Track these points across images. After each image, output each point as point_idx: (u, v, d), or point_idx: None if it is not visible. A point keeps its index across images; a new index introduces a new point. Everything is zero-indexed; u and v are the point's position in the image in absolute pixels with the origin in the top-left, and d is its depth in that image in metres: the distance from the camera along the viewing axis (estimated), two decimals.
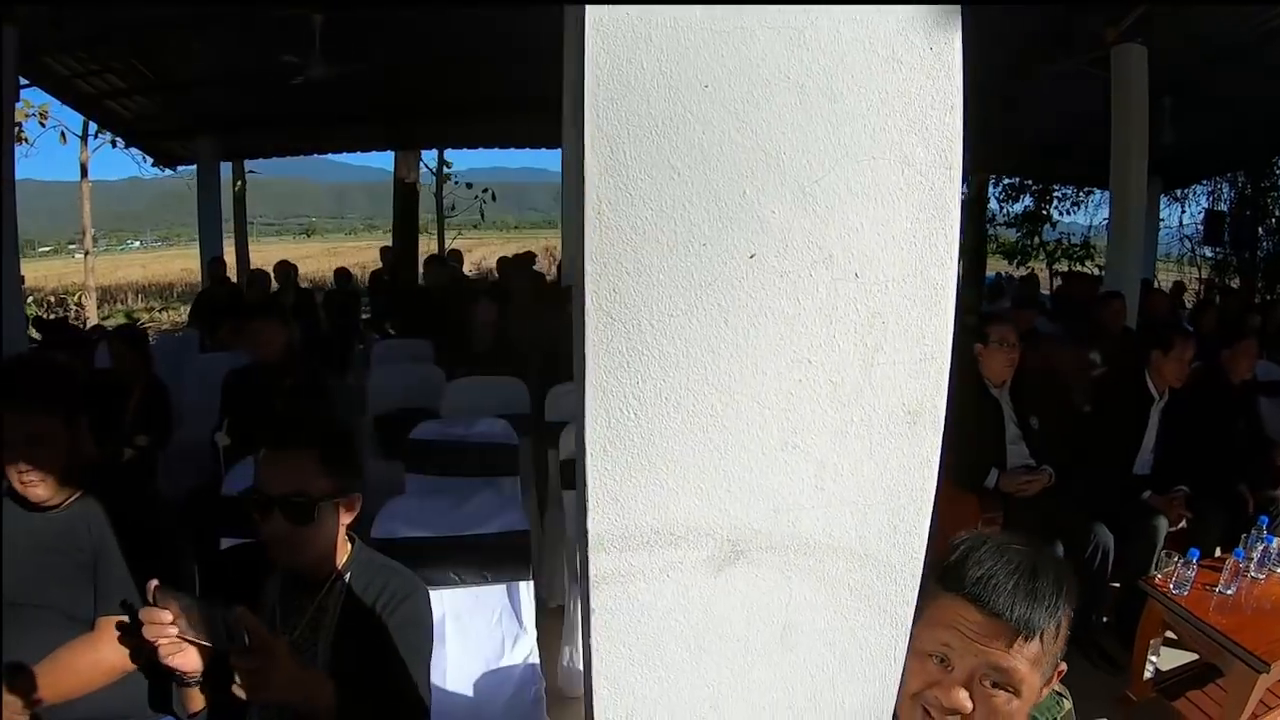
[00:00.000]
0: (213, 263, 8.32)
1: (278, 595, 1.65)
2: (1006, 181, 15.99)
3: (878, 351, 0.72)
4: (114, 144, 14.36)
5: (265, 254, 12.71)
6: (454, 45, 7.67)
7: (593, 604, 0.72)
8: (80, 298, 14.21)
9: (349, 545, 1.70)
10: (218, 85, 8.41)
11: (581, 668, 2.63)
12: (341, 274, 8.61)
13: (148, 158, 10.89)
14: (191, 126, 9.51)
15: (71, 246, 31.04)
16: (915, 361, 0.74)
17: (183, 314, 16.17)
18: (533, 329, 4.98)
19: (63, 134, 14.46)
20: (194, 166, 10.56)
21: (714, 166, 0.67)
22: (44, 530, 1.83)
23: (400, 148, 10.50)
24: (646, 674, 0.75)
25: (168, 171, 11.88)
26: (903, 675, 0.95)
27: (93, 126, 14.65)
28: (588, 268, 0.68)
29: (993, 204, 15.87)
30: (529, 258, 7.98)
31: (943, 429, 0.79)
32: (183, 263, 24.72)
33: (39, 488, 1.80)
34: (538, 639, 2.45)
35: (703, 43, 0.66)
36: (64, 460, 1.84)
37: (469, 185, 13.43)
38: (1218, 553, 3.37)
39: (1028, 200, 16.45)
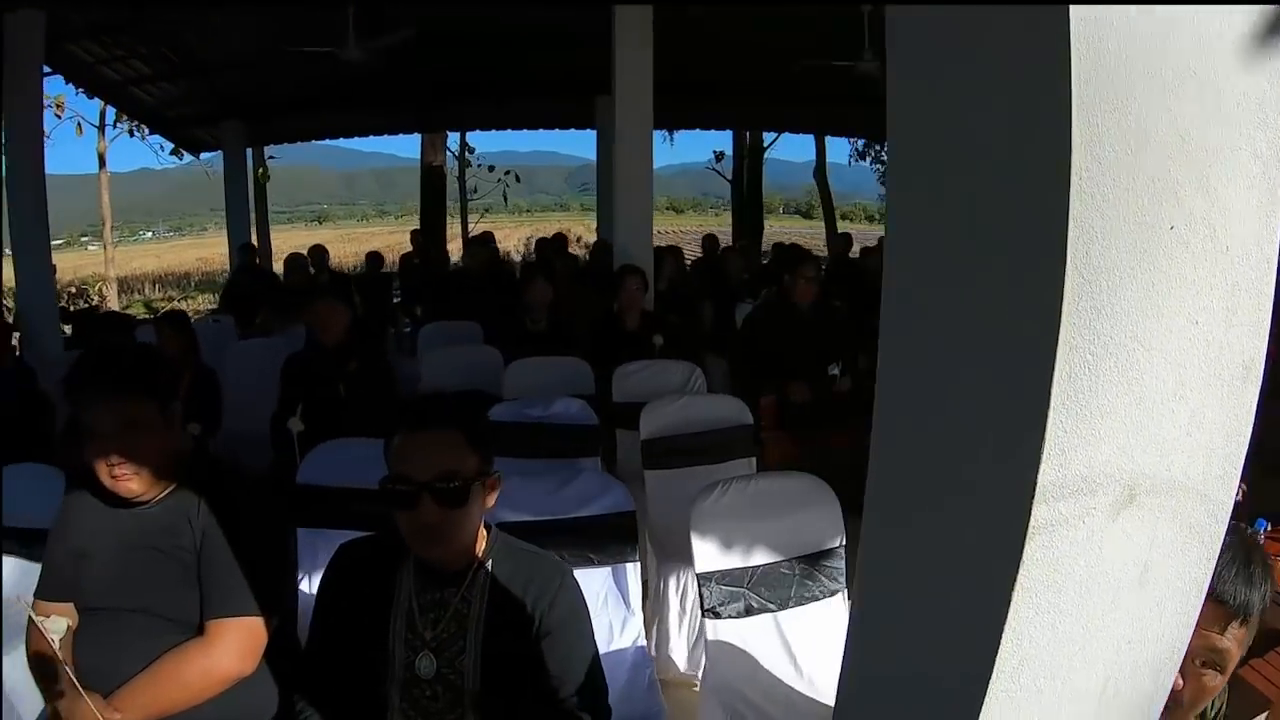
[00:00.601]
0: (243, 249, 8.23)
1: (413, 589, 1.53)
2: None
3: (1233, 314, 0.80)
4: (132, 133, 14.35)
5: (279, 242, 12.70)
6: (481, 25, 7.58)
7: (1023, 556, 0.76)
8: (101, 288, 14.18)
9: (485, 530, 1.58)
10: (244, 69, 8.33)
11: (679, 651, 2.58)
12: (374, 258, 8.55)
13: (165, 146, 10.86)
14: (217, 112, 9.42)
15: (84, 239, 31.05)
16: (1253, 323, 0.83)
17: (201, 303, 16.16)
18: (585, 309, 4.90)
19: (79, 124, 14.47)
20: (215, 154, 10.53)
21: (1150, 147, 0.73)
22: (137, 528, 1.69)
23: (427, 130, 10.40)
24: (1041, 619, 0.79)
25: (183, 160, 11.86)
26: None
27: (110, 116, 14.67)
28: (1071, 231, 0.71)
29: None
30: (563, 239, 7.91)
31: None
32: (196, 252, 24.83)
33: (132, 481, 1.65)
34: None
35: (1152, 33, 0.72)
36: (159, 451, 1.68)
37: (491, 168, 13.31)
38: None
39: None
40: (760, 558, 2.37)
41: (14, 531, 2.66)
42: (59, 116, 14.09)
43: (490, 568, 1.55)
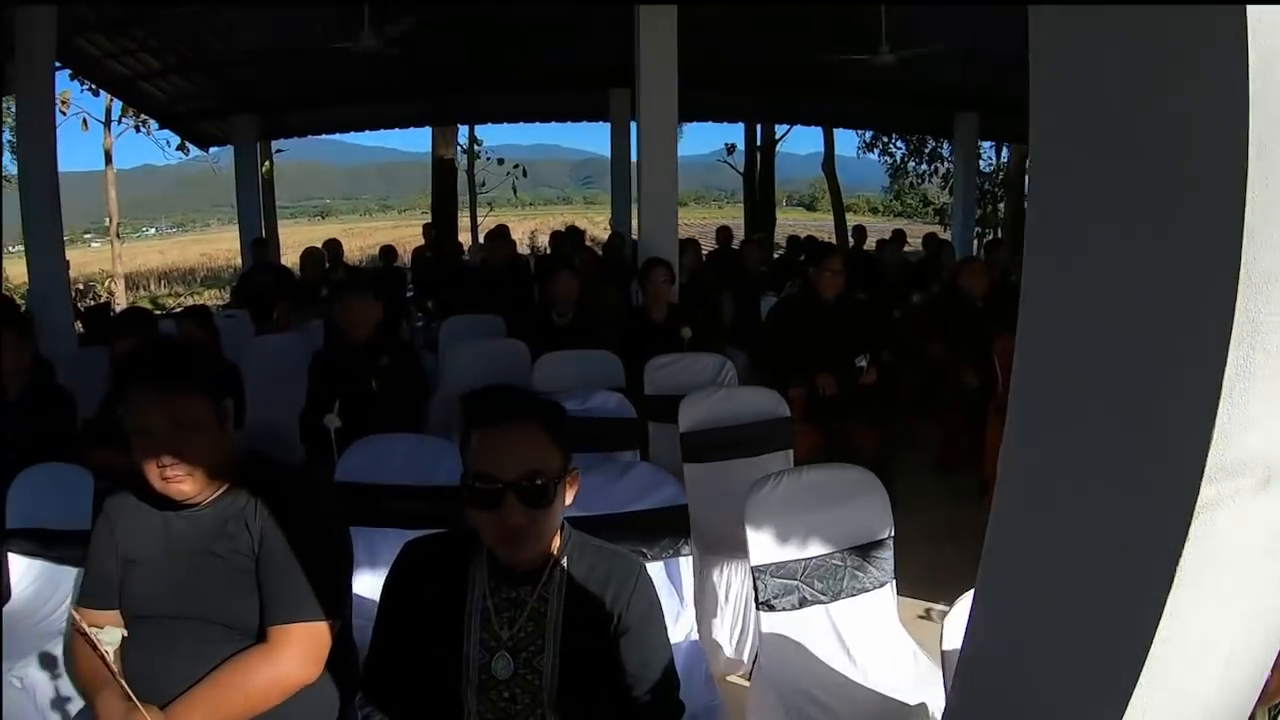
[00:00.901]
0: (256, 244, 8.17)
1: (487, 588, 1.48)
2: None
3: None
4: (138, 129, 14.31)
5: (283, 237, 12.67)
6: (494, 17, 7.56)
7: (1187, 537, 0.78)
8: (110, 285, 14.15)
9: (559, 527, 1.52)
10: (256, 63, 8.31)
11: (724, 643, 2.57)
12: (387, 252, 8.52)
13: (171, 142, 10.82)
14: (228, 106, 9.40)
15: (87, 236, 31.00)
16: None
17: (208, 298, 16.14)
18: (608, 301, 4.88)
19: (84, 120, 14.41)
20: (223, 148, 10.48)
21: None
22: (190, 532, 1.62)
23: (438, 123, 10.37)
24: (1187, 598, 0.80)
25: (189, 156, 11.81)
26: None
27: (115, 112, 14.61)
28: (1249, 222, 0.70)
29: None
30: (579, 233, 7.89)
31: None
32: (200, 248, 24.81)
33: (185, 483, 1.57)
34: None
35: None
36: (212, 450, 1.61)
37: (500, 161, 13.26)
38: None
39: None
40: (813, 550, 2.36)
41: (38, 533, 2.69)
42: (64, 113, 14.06)
43: (566, 565, 1.50)
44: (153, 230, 39.18)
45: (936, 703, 2.08)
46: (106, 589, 1.64)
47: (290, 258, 8.56)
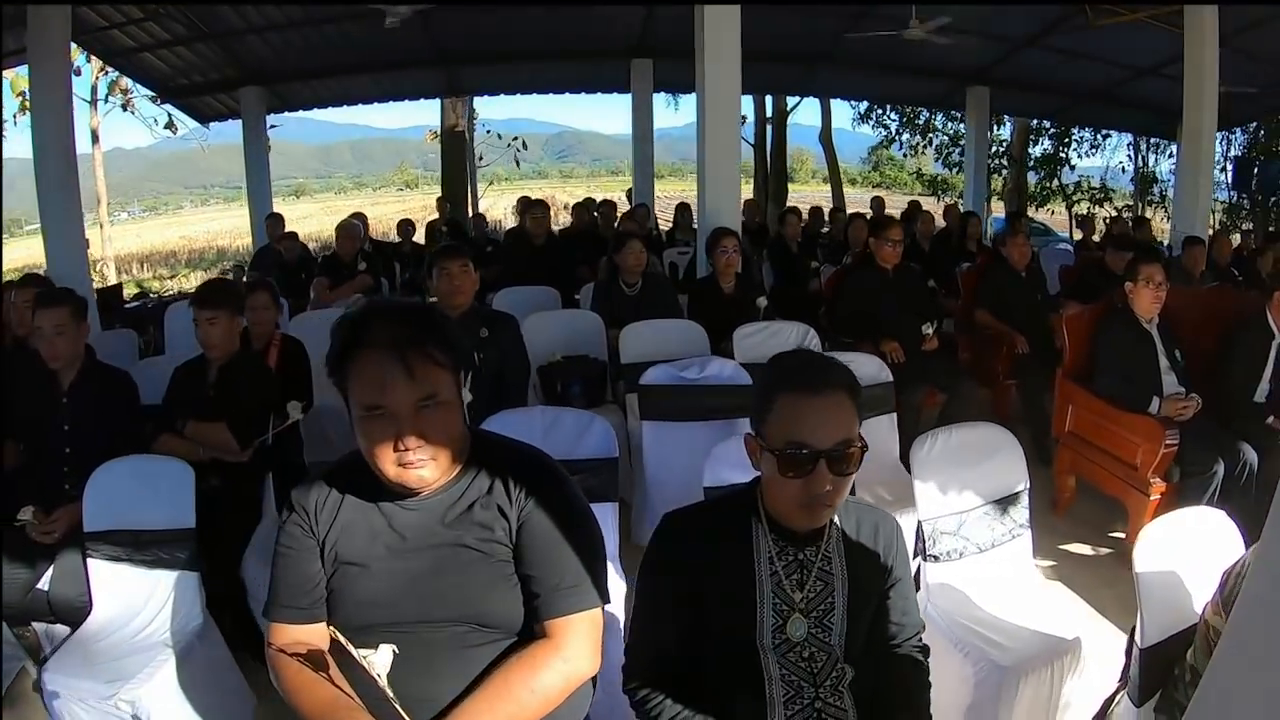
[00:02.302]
0: (272, 219, 7.97)
1: (773, 553, 1.48)
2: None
3: None
4: (125, 107, 13.95)
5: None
6: None
7: None
8: (101, 268, 13.82)
9: None
10: (266, 33, 8.12)
11: None
12: (405, 226, 8.42)
13: (159, 120, 10.55)
14: (236, 78, 9.15)
15: (32, 226, 30.12)
16: None
17: (194, 281, 15.79)
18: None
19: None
20: (213, 126, 10.21)
21: None
22: (422, 524, 1.43)
23: (448, 95, 10.22)
24: None
25: (175, 135, 11.54)
26: None
27: (102, 90, 14.23)
28: None
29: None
30: (612, 205, 7.86)
31: None
32: (176, 230, 24.25)
33: (427, 468, 1.38)
34: None
35: None
36: (455, 430, 1.43)
37: (499, 135, 13.10)
38: None
39: (1046, 144, 16.57)
40: (967, 503, 2.45)
41: (123, 535, 2.56)
42: None
43: (839, 522, 1.52)
44: (124, 214, 38.09)
45: (1089, 637, 2.26)
46: (312, 600, 1.44)
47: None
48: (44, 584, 2.72)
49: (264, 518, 3.00)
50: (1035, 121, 15.90)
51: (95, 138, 14.20)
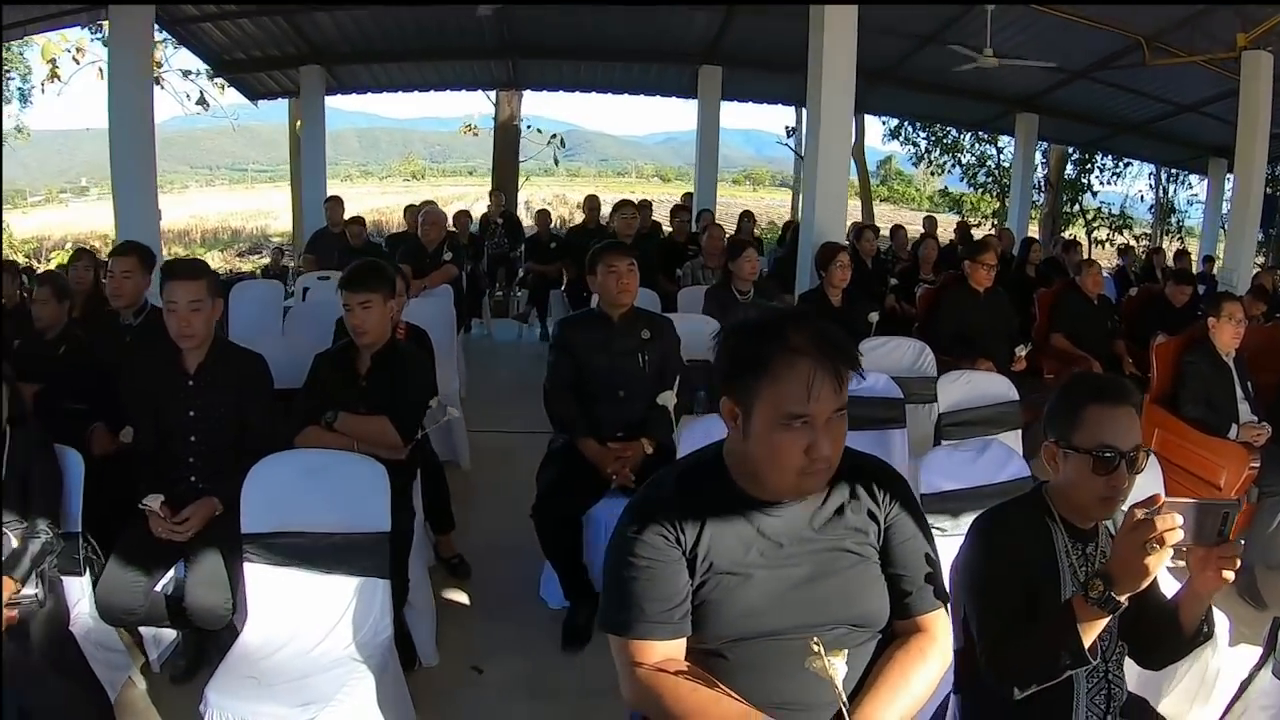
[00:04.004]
0: (332, 202, 7.80)
1: (1067, 547, 1.66)
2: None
3: None
4: (159, 81, 13.70)
5: (267, 199, 12.34)
6: None
7: None
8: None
9: None
10: (337, 11, 8.07)
11: None
12: (462, 217, 8.38)
13: (190, 96, 10.43)
14: (297, 56, 9.06)
15: (64, 195, 29.81)
16: None
17: (218, 260, 15.66)
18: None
19: (100, 70, 13.72)
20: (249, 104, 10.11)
21: None
22: (792, 531, 1.44)
23: (506, 87, 10.20)
24: None
25: (206, 113, 11.39)
26: None
27: None
28: None
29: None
30: (685, 209, 7.87)
31: None
32: (185, 209, 24.04)
33: (826, 475, 1.42)
34: None
35: None
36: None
37: (540, 130, 13.05)
38: None
39: (1069, 169, 16.83)
40: None
41: (313, 538, 2.38)
42: (77, 62, 13.41)
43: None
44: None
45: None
46: (682, 613, 1.40)
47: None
48: (163, 586, 2.63)
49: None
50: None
51: None
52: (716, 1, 7.77)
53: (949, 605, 1.57)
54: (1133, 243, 16.37)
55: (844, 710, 1.32)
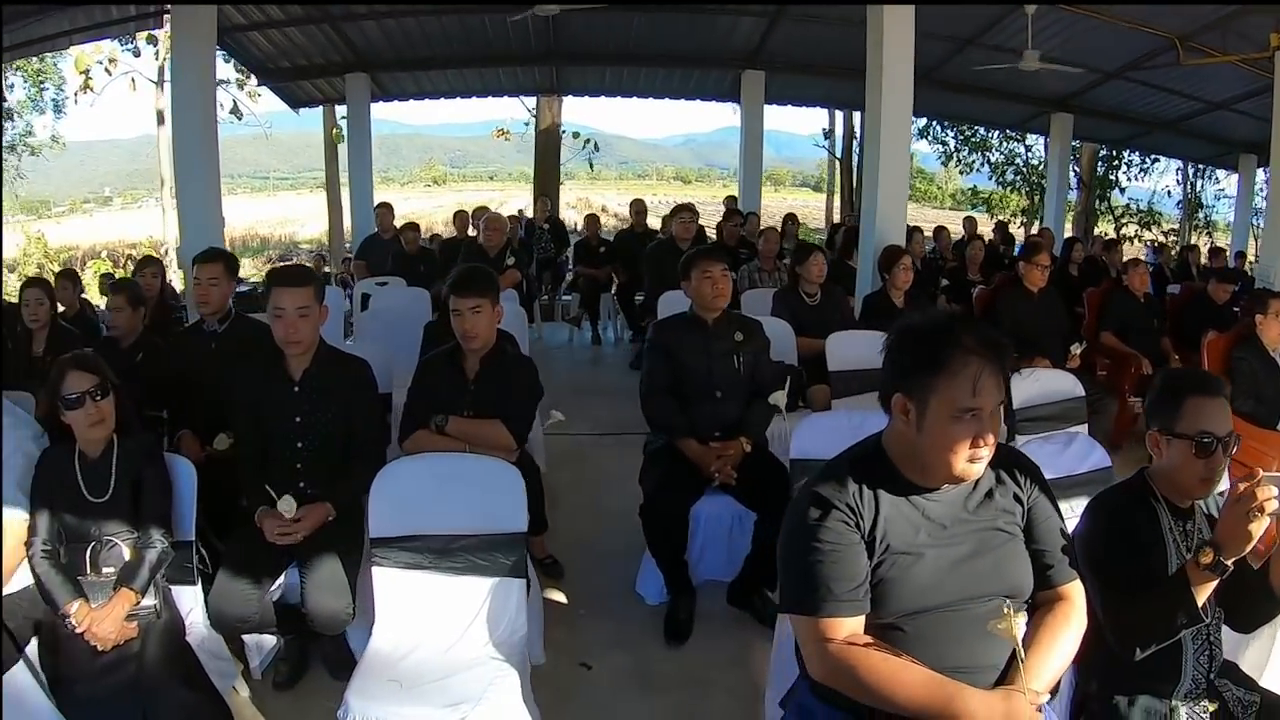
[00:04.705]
0: (384, 209, 7.85)
1: (1170, 524, 1.87)
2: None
3: None
4: None
5: (290, 207, 12.48)
6: None
7: None
8: (166, 251, 13.85)
9: None
10: (385, 19, 8.17)
11: None
12: (512, 222, 8.49)
13: (223, 105, 10.54)
14: (343, 64, 9.20)
15: (87, 205, 30.23)
16: None
17: (250, 268, 15.80)
18: None
19: (132, 81, 13.99)
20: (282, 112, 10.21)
21: None
22: (949, 512, 1.59)
23: (547, 93, 10.29)
24: None
25: (239, 122, 11.53)
26: None
27: (169, 72, 14.19)
28: None
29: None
30: (737, 214, 7.96)
31: None
32: None
33: (986, 462, 1.57)
34: None
35: None
36: None
37: (575, 135, 13.15)
38: None
39: (1098, 166, 16.80)
40: None
41: (446, 540, 2.39)
42: (109, 73, 13.65)
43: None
44: (153, 199, 37.98)
45: None
46: (864, 591, 1.54)
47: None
48: (273, 593, 2.63)
49: None
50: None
51: (161, 119, 14.16)
52: (769, 2, 7.83)
53: None
54: (1161, 238, 16.38)
55: (1021, 665, 1.49)
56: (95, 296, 8.96)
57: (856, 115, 17.02)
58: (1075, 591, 1.66)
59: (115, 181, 34.01)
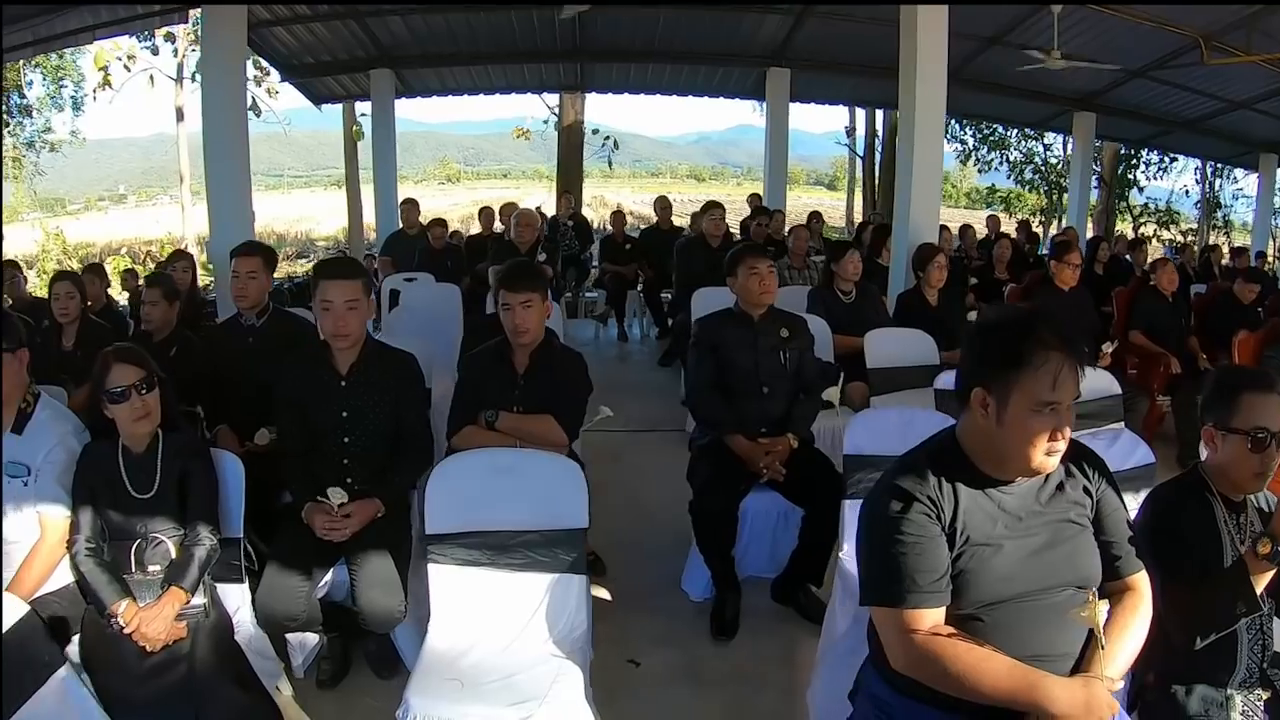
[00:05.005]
0: (409, 205, 7.80)
1: (1225, 516, 1.94)
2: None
3: None
4: None
5: (304, 204, 12.47)
6: None
7: None
8: (186, 249, 13.90)
9: None
10: (411, 15, 8.19)
11: None
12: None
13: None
14: (367, 60, 9.21)
15: (101, 203, 30.44)
16: None
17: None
18: None
19: (151, 77, 14.06)
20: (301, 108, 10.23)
21: None
22: (1022, 505, 1.62)
23: (571, 89, 10.30)
24: None
25: (257, 118, 11.54)
26: None
27: (188, 69, 14.30)
28: None
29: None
30: (765, 210, 7.97)
31: None
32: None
33: (1060, 456, 1.63)
34: None
35: None
36: None
37: (595, 131, 13.14)
38: None
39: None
40: None
41: (506, 536, 2.36)
42: (128, 69, 13.71)
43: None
44: (166, 197, 38.17)
45: None
46: (946, 583, 1.56)
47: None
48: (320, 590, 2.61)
49: None
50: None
51: (180, 115, 14.23)
52: (796, 1, 7.85)
53: None
54: (1179, 238, 16.31)
55: (1102, 651, 1.55)
56: (115, 292, 8.99)
57: (878, 113, 17.10)
58: (1142, 582, 1.69)
59: (129, 179, 34.19)
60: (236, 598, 2.48)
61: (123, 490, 2.33)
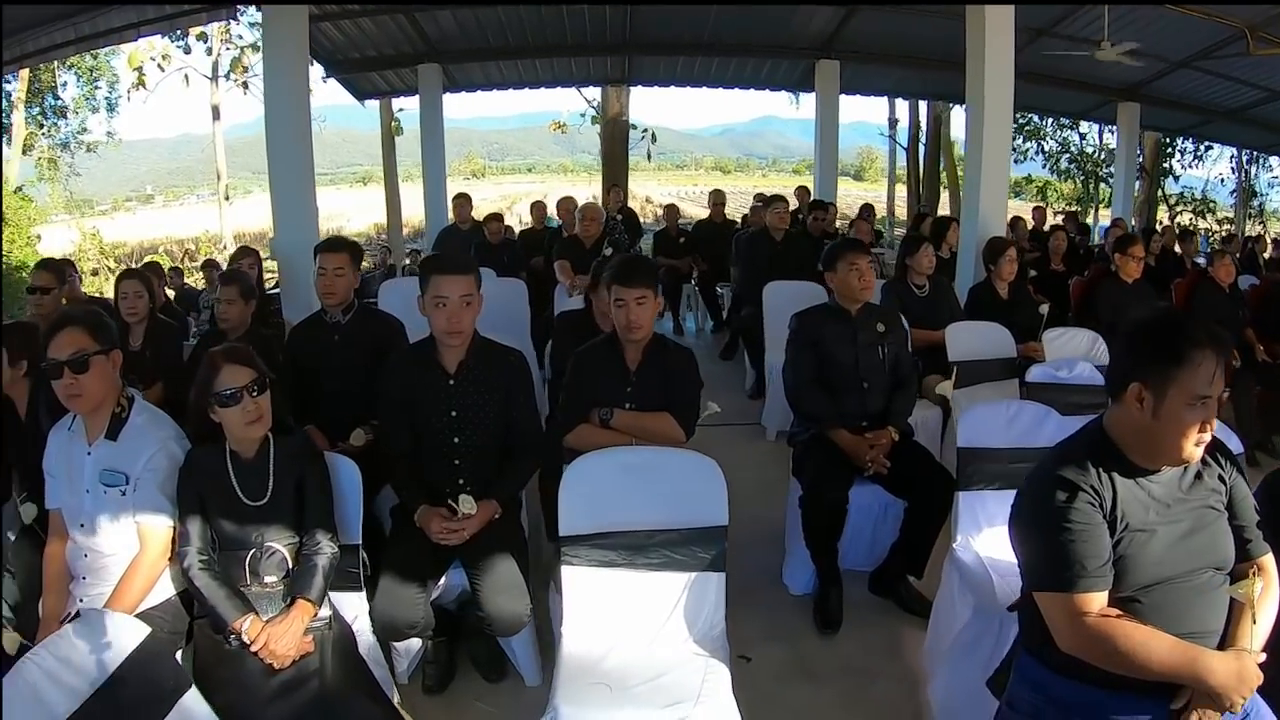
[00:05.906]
0: (462, 199, 7.75)
1: None
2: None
3: None
4: (246, 86, 14.11)
5: (332, 201, 12.41)
6: None
7: None
8: (223, 246, 14.10)
9: None
10: (459, 8, 8.21)
11: None
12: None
13: None
14: (413, 54, 9.23)
15: (129, 203, 30.78)
16: None
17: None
18: None
19: (185, 77, 14.18)
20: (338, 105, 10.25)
21: None
22: (1168, 493, 1.71)
23: (617, 82, 10.31)
24: None
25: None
26: None
27: (223, 68, 14.43)
28: None
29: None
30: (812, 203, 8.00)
31: None
32: (258, 212, 24.55)
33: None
34: None
35: None
36: None
37: (634, 126, 13.14)
38: None
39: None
40: None
41: (644, 536, 2.33)
42: (162, 69, 13.82)
43: None
44: (194, 197, 38.54)
45: None
46: (1109, 569, 1.65)
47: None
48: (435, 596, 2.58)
49: None
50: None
51: (216, 114, 14.36)
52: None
53: None
54: (1215, 226, 16.20)
55: (1254, 625, 1.67)
56: None
57: (922, 105, 16.96)
58: (1270, 563, 1.79)
59: (156, 180, 34.47)
60: (354, 606, 2.42)
61: (235, 498, 2.22)
